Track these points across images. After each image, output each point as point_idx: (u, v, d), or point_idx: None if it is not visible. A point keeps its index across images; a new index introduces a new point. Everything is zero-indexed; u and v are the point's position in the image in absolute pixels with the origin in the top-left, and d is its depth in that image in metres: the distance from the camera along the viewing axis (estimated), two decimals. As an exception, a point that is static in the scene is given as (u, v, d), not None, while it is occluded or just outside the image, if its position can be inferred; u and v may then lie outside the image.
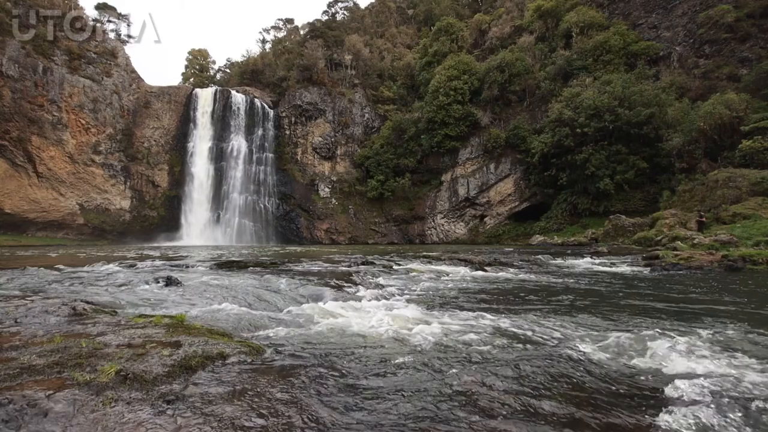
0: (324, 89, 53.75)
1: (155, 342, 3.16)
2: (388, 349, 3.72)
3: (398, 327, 4.54)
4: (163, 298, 6.02)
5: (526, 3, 52.17)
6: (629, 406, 2.56)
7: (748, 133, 25.97)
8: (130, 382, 2.41)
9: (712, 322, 4.99)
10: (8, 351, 2.86)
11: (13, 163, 41.43)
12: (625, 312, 5.62)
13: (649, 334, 4.26)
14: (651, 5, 40.58)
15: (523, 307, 6.11)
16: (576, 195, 37.22)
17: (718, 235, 16.08)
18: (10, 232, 42.09)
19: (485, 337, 4.15)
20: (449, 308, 5.91)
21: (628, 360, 3.45)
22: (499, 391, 2.69)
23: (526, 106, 45.18)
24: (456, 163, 47.31)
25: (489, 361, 3.34)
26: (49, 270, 9.70)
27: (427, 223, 48.85)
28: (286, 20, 74.69)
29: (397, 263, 13.03)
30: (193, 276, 8.96)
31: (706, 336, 4.21)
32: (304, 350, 3.58)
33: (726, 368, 3.14)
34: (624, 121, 33.51)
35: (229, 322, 4.58)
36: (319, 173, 52.56)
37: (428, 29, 62.11)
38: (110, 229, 47.29)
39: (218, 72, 79.95)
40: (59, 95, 42.58)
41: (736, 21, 33.29)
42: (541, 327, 4.62)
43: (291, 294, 6.69)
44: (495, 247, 30.38)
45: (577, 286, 8.72)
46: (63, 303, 4.42)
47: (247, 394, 2.48)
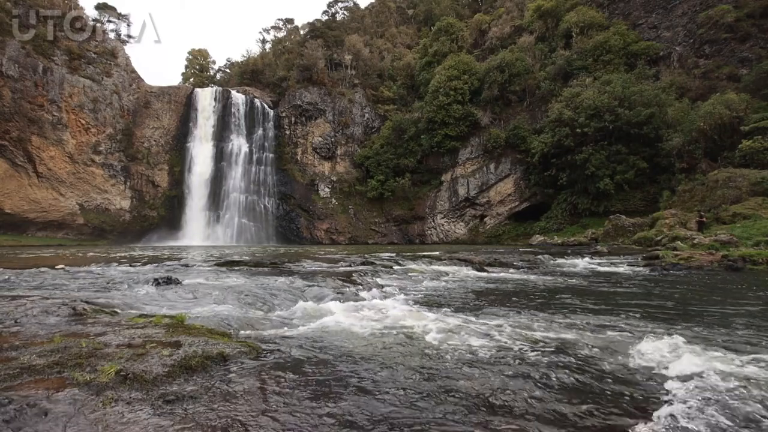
0: (324, 89, 53.75)
1: (155, 342, 3.16)
2: (387, 348, 3.72)
3: (398, 327, 4.55)
4: (163, 298, 6.02)
5: (526, 3, 52.16)
6: (628, 405, 2.56)
7: (748, 133, 25.97)
8: (130, 382, 2.41)
9: (712, 322, 4.99)
10: (8, 351, 2.86)
11: (13, 163, 41.43)
12: (624, 312, 5.63)
13: (649, 334, 4.27)
14: (651, 5, 40.58)
15: (523, 307, 6.11)
16: (576, 195, 37.22)
17: (718, 235, 16.08)
18: (10, 232, 42.09)
19: (484, 336, 4.15)
20: (449, 308, 5.91)
21: (628, 360, 3.45)
22: (497, 390, 2.69)
23: (526, 106, 45.18)
24: (456, 163, 47.32)
25: (487, 361, 3.34)
26: (49, 270, 9.70)
27: (427, 223, 48.85)
28: (286, 20, 74.77)
29: (396, 263, 13.03)
30: (193, 276, 8.96)
31: (706, 336, 4.21)
32: (304, 350, 3.58)
33: (725, 368, 3.14)
34: (624, 121, 33.51)
35: (229, 322, 4.58)
36: (319, 173, 52.56)
37: (428, 29, 62.10)
38: (110, 229, 47.29)
39: (218, 72, 80.00)
40: (59, 95, 42.58)
41: (736, 21, 33.29)
42: (541, 327, 4.63)
43: (291, 294, 6.69)
44: (495, 247, 30.38)
45: (577, 286, 8.72)
46: (63, 303, 4.42)
47: (248, 393, 2.48)
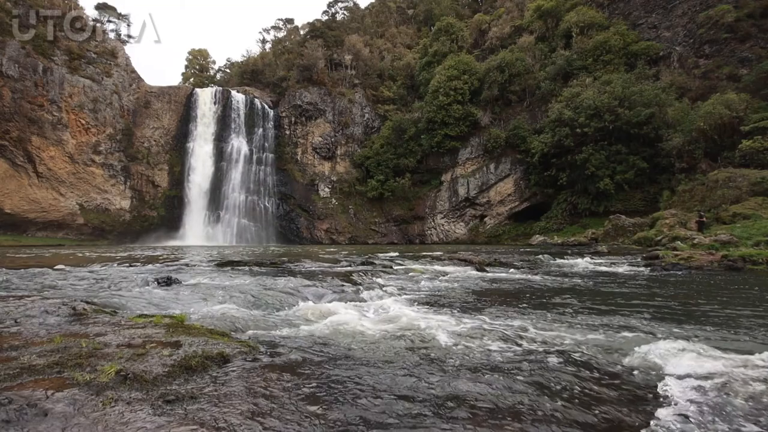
0: (324, 89, 53.76)
1: (155, 342, 3.16)
2: (387, 348, 3.72)
3: (397, 327, 4.55)
4: (163, 298, 6.01)
5: (526, 3, 52.19)
6: (627, 405, 2.56)
7: (748, 133, 25.98)
8: (130, 382, 2.41)
9: (711, 322, 4.99)
10: (8, 351, 2.86)
11: (13, 163, 41.44)
12: (623, 312, 5.62)
13: (648, 334, 4.27)
14: (651, 5, 40.59)
15: (523, 306, 6.11)
16: (576, 195, 37.23)
17: (718, 235, 16.07)
18: (10, 232, 42.11)
19: (484, 336, 4.15)
20: (449, 308, 5.91)
21: (627, 360, 3.44)
22: (497, 390, 2.69)
23: (526, 106, 45.19)
24: (456, 163, 47.32)
25: (487, 361, 3.34)
26: (49, 270, 9.70)
27: (427, 223, 48.85)
28: (286, 20, 74.81)
29: (396, 263, 13.03)
30: (193, 276, 8.96)
31: (706, 336, 4.21)
32: (304, 350, 3.58)
33: (725, 368, 3.14)
34: (624, 121, 33.53)
35: (229, 322, 4.58)
36: (319, 173, 52.57)
37: (428, 29, 62.14)
38: (110, 229, 47.30)
39: (218, 72, 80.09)
40: (59, 95, 42.59)
41: (736, 21, 33.30)
42: (541, 326, 4.63)
43: (291, 294, 6.69)
44: (495, 247, 30.37)
45: (577, 286, 8.72)
46: (63, 303, 4.42)
47: (248, 394, 2.48)
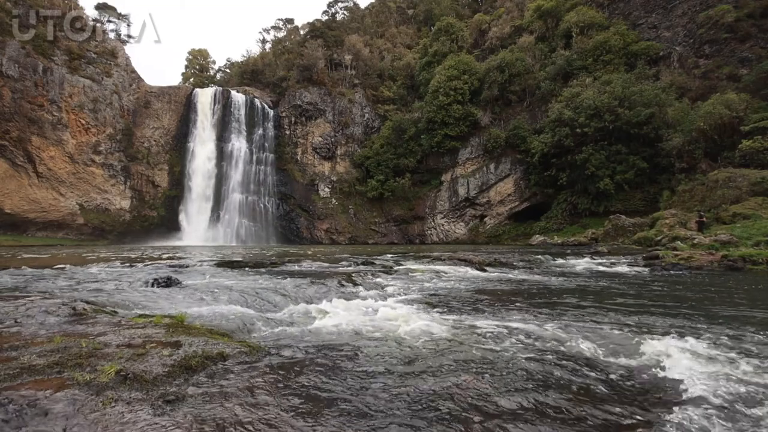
0: (324, 89, 53.76)
1: (155, 342, 3.16)
2: (387, 348, 3.72)
3: (398, 327, 4.54)
4: (163, 298, 6.01)
5: (526, 3, 52.19)
6: (627, 405, 2.56)
7: (748, 133, 25.98)
8: (130, 382, 2.41)
9: (711, 322, 4.99)
10: (8, 351, 2.86)
11: (13, 163, 41.43)
12: (623, 312, 5.62)
13: (648, 334, 4.27)
14: (651, 5, 40.59)
15: (523, 306, 6.11)
16: (576, 195, 37.23)
17: (718, 235, 16.07)
18: (10, 232, 42.10)
19: (484, 336, 4.15)
20: (448, 308, 5.91)
21: (627, 360, 3.44)
22: (497, 390, 2.69)
23: (526, 106, 45.19)
24: (456, 163, 47.32)
25: (487, 360, 3.34)
26: (49, 270, 9.70)
27: (427, 223, 48.85)
28: (286, 20, 74.83)
29: (397, 263, 13.03)
30: (193, 276, 8.97)
31: (706, 336, 4.21)
32: (304, 350, 3.58)
33: (725, 369, 3.14)
34: (624, 121, 33.52)
35: (229, 322, 4.58)
36: (319, 173, 52.57)
37: (428, 29, 62.15)
38: (110, 229, 47.30)
39: (218, 72, 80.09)
40: (59, 95, 42.58)
41: (736, 21, 33.30)
42: (541, 326, 4.63)
43: (291, 294, 6.69)
44: (495, 247, 30.37)
45: (577, 286, 8.72)
46: (63, 303, 4.42)
47: (248, 394, 2.48)
